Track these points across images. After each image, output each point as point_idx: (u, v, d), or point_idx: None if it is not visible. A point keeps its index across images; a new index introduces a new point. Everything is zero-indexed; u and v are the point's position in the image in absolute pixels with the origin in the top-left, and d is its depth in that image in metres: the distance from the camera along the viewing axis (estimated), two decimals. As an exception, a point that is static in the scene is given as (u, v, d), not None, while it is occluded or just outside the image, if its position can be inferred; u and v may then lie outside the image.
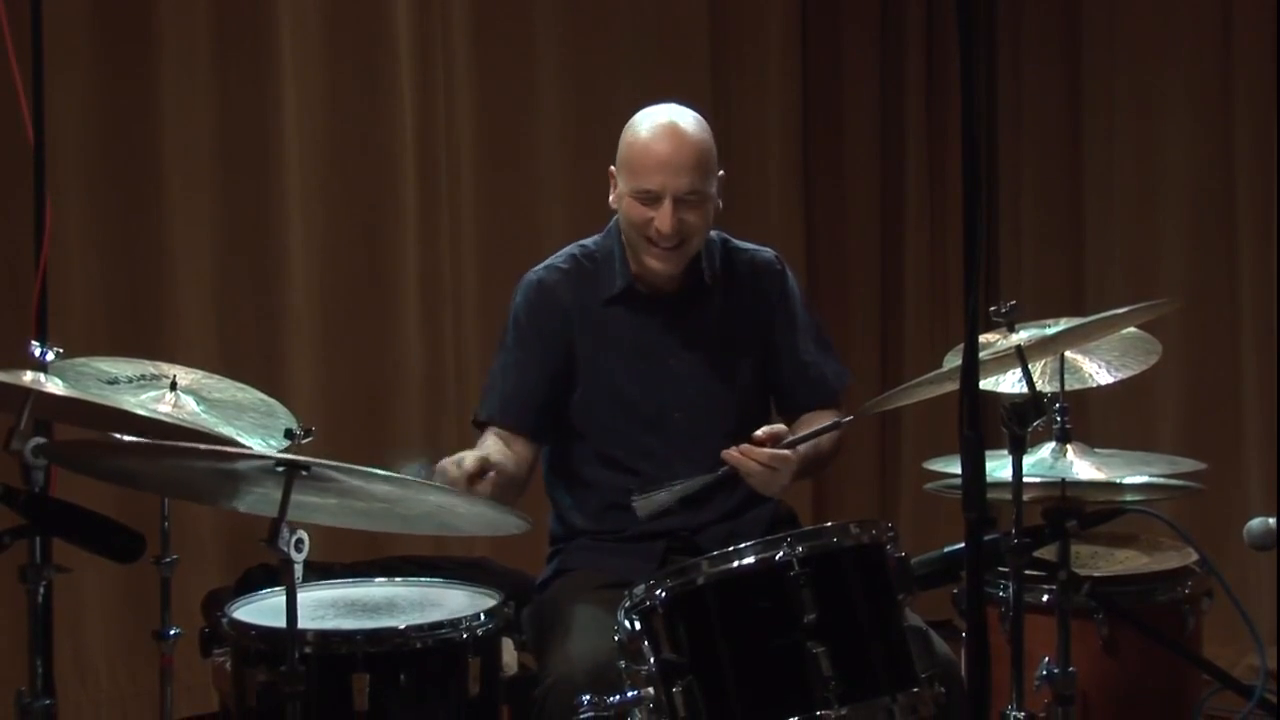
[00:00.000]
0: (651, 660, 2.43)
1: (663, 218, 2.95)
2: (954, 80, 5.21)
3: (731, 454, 2.87)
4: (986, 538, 2.49)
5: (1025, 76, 5.63)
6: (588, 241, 3.18)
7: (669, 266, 3.03)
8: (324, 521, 2.63)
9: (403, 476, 2.42)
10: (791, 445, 2.90)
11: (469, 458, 2.78)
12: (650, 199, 2.97)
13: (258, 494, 2.53)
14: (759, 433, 2.89)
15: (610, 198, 3.08)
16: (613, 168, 3.07)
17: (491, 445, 3.01)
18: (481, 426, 3.11)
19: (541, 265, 3.17)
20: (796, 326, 3.19)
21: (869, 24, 5.70)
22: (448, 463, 2.78)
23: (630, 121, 3.07)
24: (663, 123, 3.01)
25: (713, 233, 3.16)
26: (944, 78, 5.69)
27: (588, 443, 3.10)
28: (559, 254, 3.18)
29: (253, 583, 3.72)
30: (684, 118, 3.03)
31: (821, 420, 3.13)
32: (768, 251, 3.24)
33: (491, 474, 2.78)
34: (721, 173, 3.06)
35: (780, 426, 2.93)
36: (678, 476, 2.96)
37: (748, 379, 3.15)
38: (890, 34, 5.72)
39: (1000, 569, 2.85)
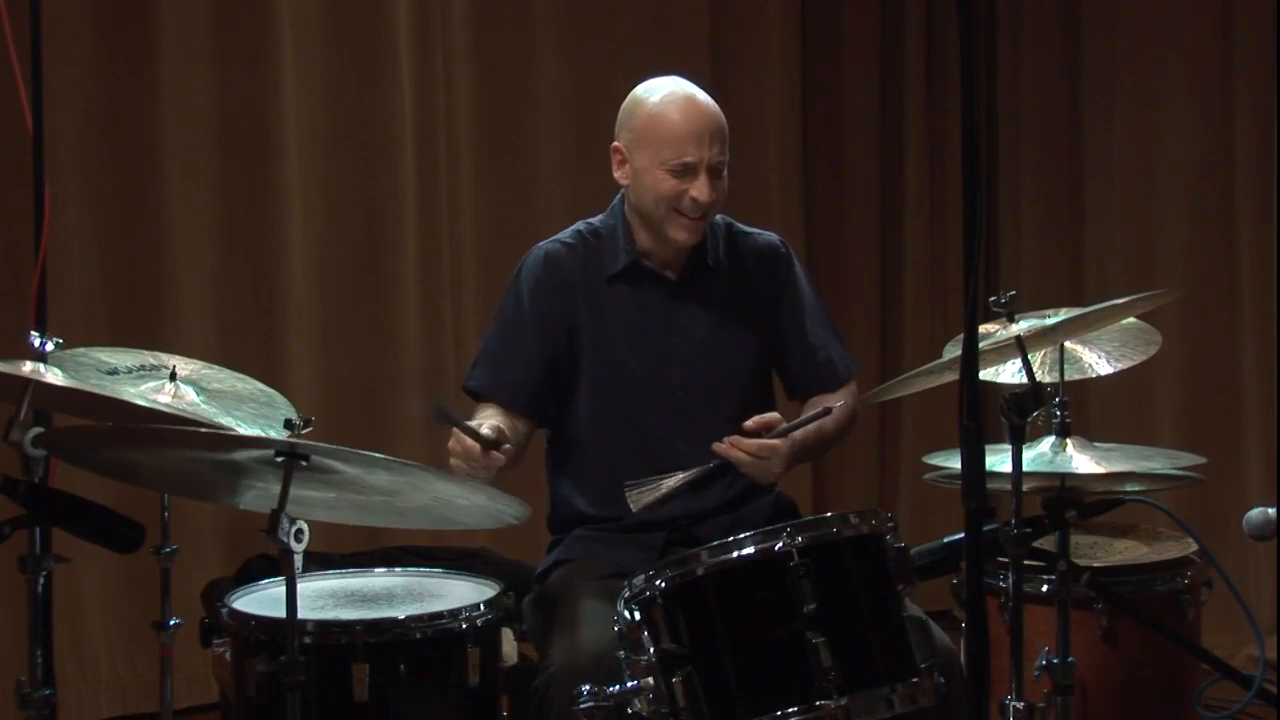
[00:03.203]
0: (651, 650, 2.43)
1: (701, 189, 2.96)
2: (954, 70, 5.22)
3: (720, 446, 2.86)
4: (986, 528, 2.50)
5: (1025, 65, 5.62)
6: (593, 220, 3.17)
7: (695, 237, 3.03)
8: (322, 517, 2.63)
9: (423, 412, 2.41)
10: (782, 434, 2.89)
11: (486, 425, 2.78)
12: (684, 171, 2.96)
13: (258, 489, 2.53)
14: (748, 423, 2.88)
15: (617, 174, 3.07)
16: (618, 144, 3.05)
17: (495, 417, 2.98)
18: (474, 395, 3.09)
19: (548, 240, 3.16)
20: (804, 310, 3.19)
21: (869, 13, 5.70)
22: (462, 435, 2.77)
23: (637, 96, 3.06)
24: (681, 94, 3.01)
25: (717, 216, 3.15)
26: (944, 67, 5.69)
27: (589, 423, 3.09)
28: (565, 230, 3.17)
29: (252, 573, 3.73)
30: (694, 88, 3.04)
31: (831, 403, 3.12)
32: (772, 235, 3.24)
33: (506, 447, 2.78)
34: None
35: (773, 415, 2.92)
36: (679, 454, 2.95)
37: (751, 359, 3.15)
38: (890, 23, 5.72)
39: (1000, 559, 2.85)
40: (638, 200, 3.05)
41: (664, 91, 3.03)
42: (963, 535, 2.41)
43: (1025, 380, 2.72)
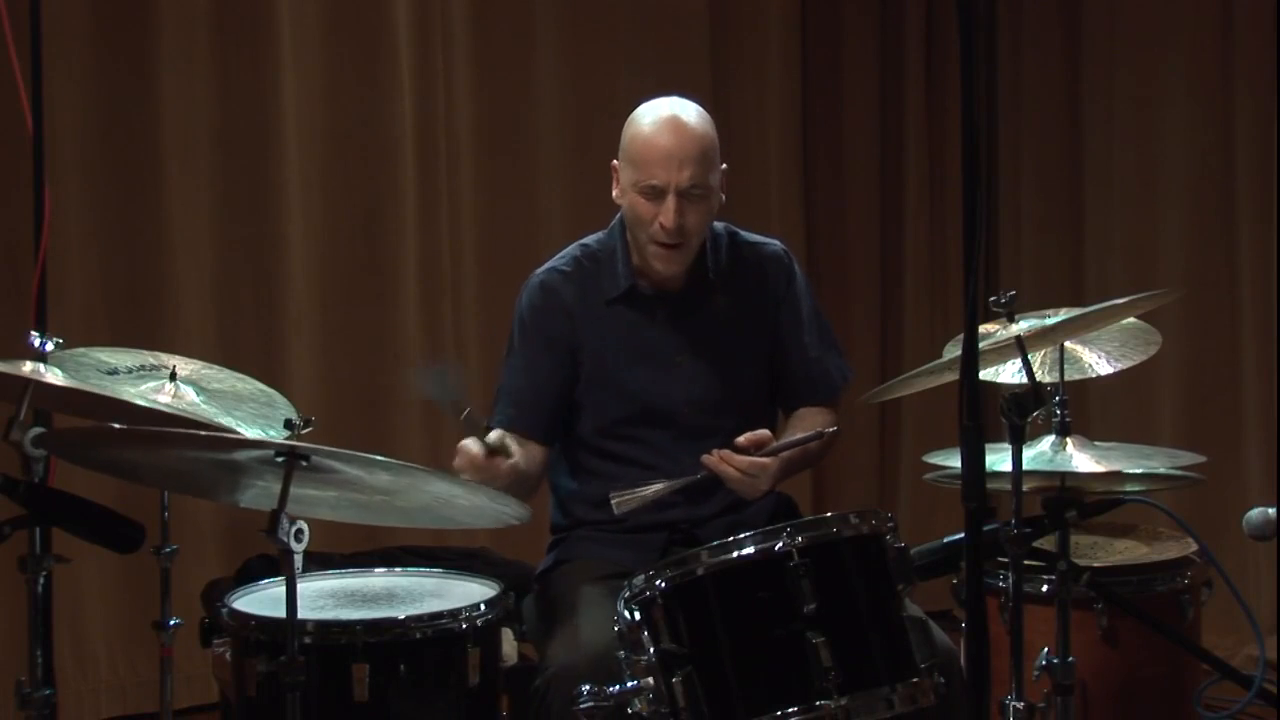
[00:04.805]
0: (651, 650, 2.43)
1: (666, 213, 2.94)
2: (954, 69, 5.21)
3: (710, 459, 2.86)
4: (986, 528, 2.50)
5: (1025, 65, 5.62)
6: (589, 240, 3.17)
7: (672, 267, 3.02)
8: (323, 516, 2.63)
9: (426, 390, 2.41)
10: (772, 453, 2.89)
11: (494, 434, 2.77)
12: (654, 194, 2.95)
13: (258, 488, 2.53)
14: (740, 439, 2.87)
15: (614, 192, 3.06)
16: (615, 162, 3.05)
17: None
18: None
19: (544, 267, 3.16)
20: (803, 321, 3.18)
21: (869, 13, 5.70)
22: (469, 441, 2.76)
23: (632, 115, 3.05)
24: (664, 116, 2.99)
25: (719, 225, 3.14)
26: (944, 67, 5.69)
27: (594, 437, 3.09)
28: (561, 255, 3.17)
29: (252, 573, 3.73)
30: (686, 110, 3.01)
31: (816, 416, 3.13)
32: (775, 244, 3.23)
33: (514, 458, 2.78)
34: (724, 166, 3.05)
35: (764, 432, 2.91)
36: (686, 470, 2.95)
37: (754, 373, 3.14)
38: (890, 23, 5.72)
39: (1000, 559, 2.85)
40: (627, 221, 3.06)
41: (652, 112, 3.01)
42: (963, 535, 2.41)
43: (1025, 380, 2.71)
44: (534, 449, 3.02)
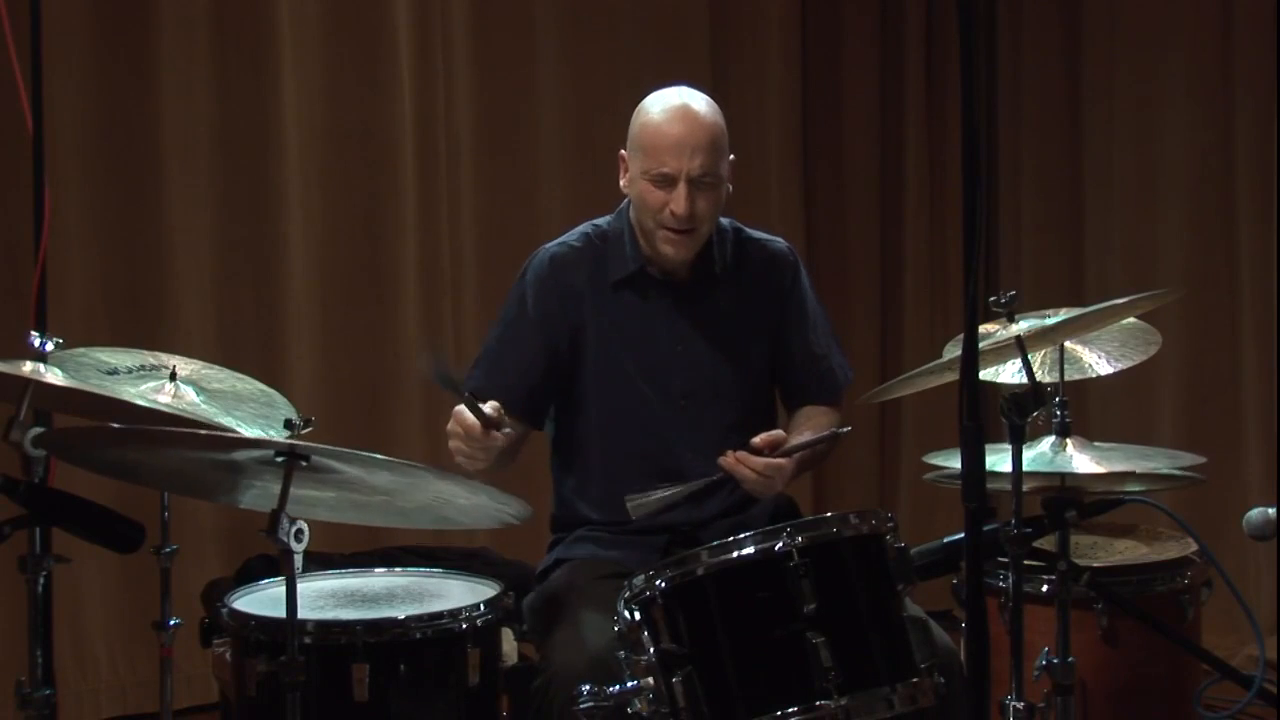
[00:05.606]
0: (651, 650, 2.43)
1: (678, 200, 2.94)
2: (954, 69, 5.22)
3: (728, 460, 2.86)
4: (986, 528, 2.50)
5: (1025, 64, 5.62)
6: (600, 221, 3.16)
7: (682, 252, 3.02)
8: (323, 516, 2.63)
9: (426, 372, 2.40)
10: (788, 453, 2.89)
11: (489, 405, 2.76)
12: (664, 181, 2.95)
13: (258, 488, 2.53)
14: (757, 440, 2.87)
15: (621, 181, 3.06)
16: (623, 151, 3.05)
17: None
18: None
19: (555, 242, 3.15)
20: (808, 319, 3.18)
21: (869, 13, 5.70)
22: (464, 409, 2.76)
23: (641, 104, 3.05)
24: (675, 104, 2.99)
25: (725, 221, 3.14)
26: (944, 67, 5.69)
27: (593, 427, 3.09)
28: (572, 232, 3.16)
29: (252, 573, 3.73)
30: (696, 99, 3.02)
31: (819, 414, 3.13)
32: (781, 242, 3.23)
33: (506, 430, 2.78)
34: (732, 156, 3.05)
35: (779, 433, 2.91)
36: (683, 460, 2.95)
37: (755, 368, 3.14)
38: (890, 22, 5.72)
39: (1000, 559, 2.85)
40: (634, 210, 3.06)
41: (662, 101, 3.01)
42: (963, 535, 2.41)
43: (1025, 380, 2.72)
44: (513, 424, 3.00)
